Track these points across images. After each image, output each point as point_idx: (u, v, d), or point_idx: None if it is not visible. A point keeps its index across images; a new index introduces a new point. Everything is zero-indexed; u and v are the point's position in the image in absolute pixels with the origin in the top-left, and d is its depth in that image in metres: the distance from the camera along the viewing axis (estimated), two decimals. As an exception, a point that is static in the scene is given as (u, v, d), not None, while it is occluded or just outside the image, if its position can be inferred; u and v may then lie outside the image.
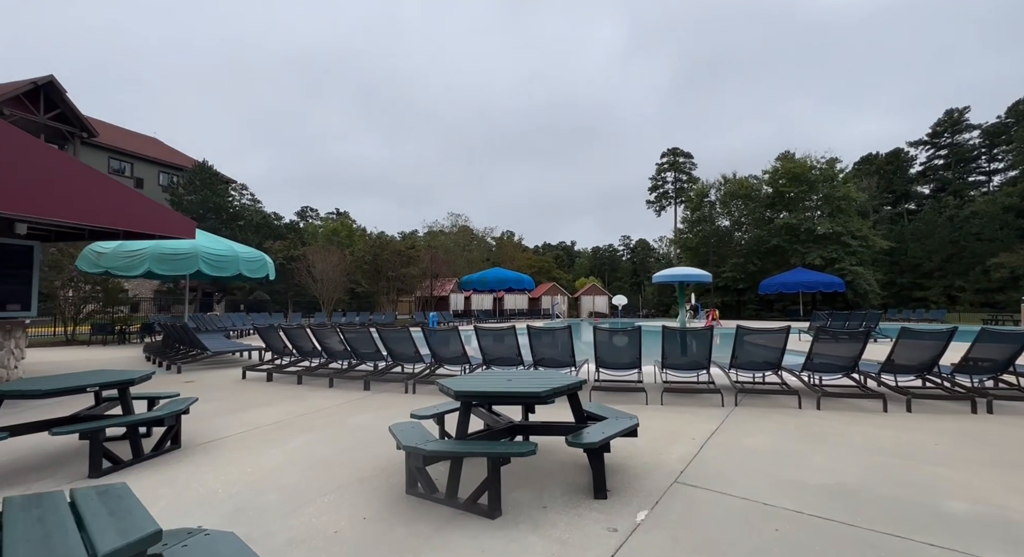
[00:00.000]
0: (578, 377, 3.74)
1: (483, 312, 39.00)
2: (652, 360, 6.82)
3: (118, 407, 4.91)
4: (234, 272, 16.30)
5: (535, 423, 3.81)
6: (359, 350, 7.95)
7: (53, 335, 18.32)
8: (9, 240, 7.26)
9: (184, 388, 7.61)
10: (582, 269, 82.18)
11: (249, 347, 10.41)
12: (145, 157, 41.72)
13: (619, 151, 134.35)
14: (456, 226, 53.36)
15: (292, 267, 31.05)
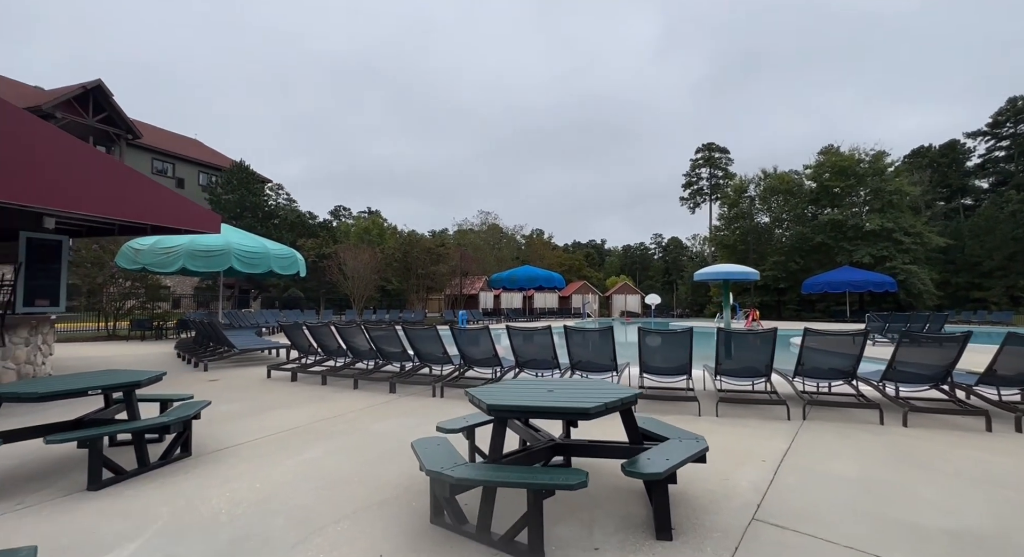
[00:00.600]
0: (626, 387, 3.18)
1: (513, 311, 38.54)
2: (700, 365, 6.18)
3: (130, 409, 4.63)
4: (265, 269, 16.33)
5: (580, 442, 3.26)
6: (385, 350, 7.56)
7: (97, 330, 18.81)
8: (38, 234, 7.17)
9: (208, 387, 7.39)
10: (612, 267, 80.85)
11: (276, 345, 10.21)
12: (186, 158, 42.98)
13: (651, 148, 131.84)
14: (486, 224, 53.09)
15: (324, 265, 31.31)
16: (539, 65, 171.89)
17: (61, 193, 6.27)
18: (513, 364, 6.80)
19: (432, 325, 6.94)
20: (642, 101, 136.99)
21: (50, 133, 6.32)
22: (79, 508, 3.13)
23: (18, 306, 6.94)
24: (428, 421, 5.23)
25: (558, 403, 2.72)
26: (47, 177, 6.15)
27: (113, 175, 6.87)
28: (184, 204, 7.75)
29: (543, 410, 2.71)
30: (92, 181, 6.60)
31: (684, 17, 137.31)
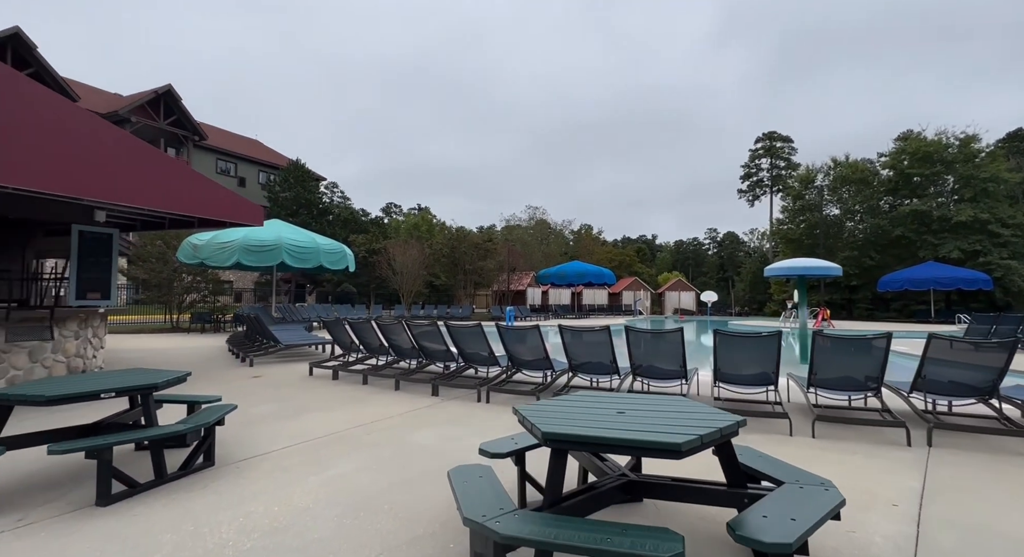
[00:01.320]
0: (719, 411, 2.46)
1: (561, 307, 37.74)
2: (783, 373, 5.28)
3: (160, 410, 4.34)
4: (316, 264, 16.43)
5: (659, 480, 2.57)
6: (428, 348, 7.10)
7: (163, 323, 19.69)
8: (89, 228, 7.18)
9: (249, 384, 7.18)
10: (664, 263, 78.20)
11: (321, 340, 10.03)
12: (247, 157, 44.88)
13: (706, 141, 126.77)
14: (534, 219, 52.39)
15: (374, 260, 31.70)
16: (591, 60, 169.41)
17: (115, 187, 6.18)
18: (566, 367, 6.14)
19: (477, 323, 6.39)
20: (697, 93, 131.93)
21: (105, 129, 6.25)
22: (80, 529, 2.77)
23: (71, 299, 6.98)
24: (472, 432, 4.67)
25: (636, 434, 2.05)
26: (104, 172, 6.07)
27: (162, 169, 6.75)
28: (228, 197, 7.58)
29: (616, 443, 2.05)
30: (144, 175, 6.50)
31: (744, 2, 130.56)
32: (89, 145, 6.06)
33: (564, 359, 6.16)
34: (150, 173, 6.58)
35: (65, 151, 5.83)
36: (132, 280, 22.32)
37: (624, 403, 2.71)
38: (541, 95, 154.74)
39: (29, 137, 5.52)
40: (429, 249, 32.60)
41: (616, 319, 32.12)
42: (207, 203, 7.26)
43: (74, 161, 5.87)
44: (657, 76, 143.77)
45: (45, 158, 5.63)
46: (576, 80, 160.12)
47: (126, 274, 20.46)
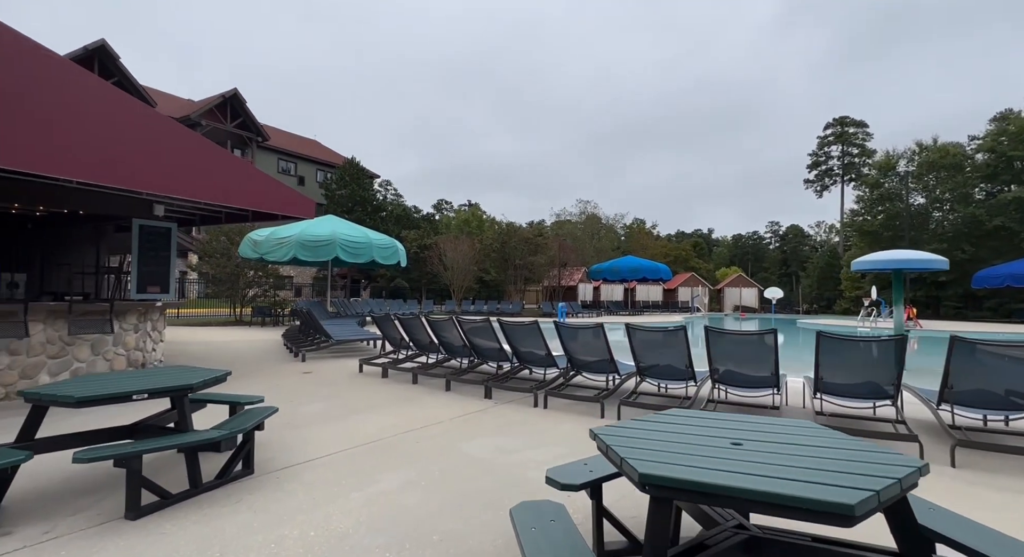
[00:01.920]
0: (894, 451, 1.81)
1: (613, 303, 36.67)
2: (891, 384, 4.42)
3: (202, 410, 4.12)
4: (368, 258, 16.50)
5: (792, 538, 1.94)
6: (480, 346, 6.67)
7: (229, 316, 20.52)
8: (149, 222, 7.25)
9: (299, 381, 7.03)
10: (721, 259, 74.70)
11: (372, 336, 9.86)
12: (306, 157, 46.52)
13: (767, 131, 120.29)
14: (584, 213, 51.24)
15: (425, 255, 31.91)
16: (646, 52, 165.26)
17: (172, 181, 6.15)
18: (632, 370, 5.52)
19: (534, 320, 5.88)
20: (758, 81, 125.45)
21: (160, 123, 6.22)
22: (103, 547, 2.49)
23: (132, 292, 7.07)
24: (529, 442, 4.17)
25: (777, 485, 1.46)
26: (161, 165, 6.05)
27: (216, 162, 6.68)
28: (280, 190, 7.45)
29: (750, 497, 1.46)
30: (198, 169, 6.44)
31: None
32: (147, 140, 6.04)
33: (628, 361, 5.54)
34: (204, 166, 6.51)
35: (125, 145, 5.81)
36: (202, 276, 23.51)
37: (734, 427, 2.11)
38: (594, 89, 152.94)
39: (94, 132, 5.52)
40: (479, 244, 32.44)
41: (672, 316, 30.76)
42: (260, 196, 7.16)
43: (132, 154, 5.84)
44: (716, 65, 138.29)
45: (107, 152, 5.62)
46: (631, 73, 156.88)
47: (196, 270, 21.51)
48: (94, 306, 6.19)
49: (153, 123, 6.12)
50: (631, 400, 5.04)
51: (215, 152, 6.72)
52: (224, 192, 6.67)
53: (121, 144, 5.75)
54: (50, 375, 5.84)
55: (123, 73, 30.47)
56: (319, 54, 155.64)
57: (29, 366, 5.67)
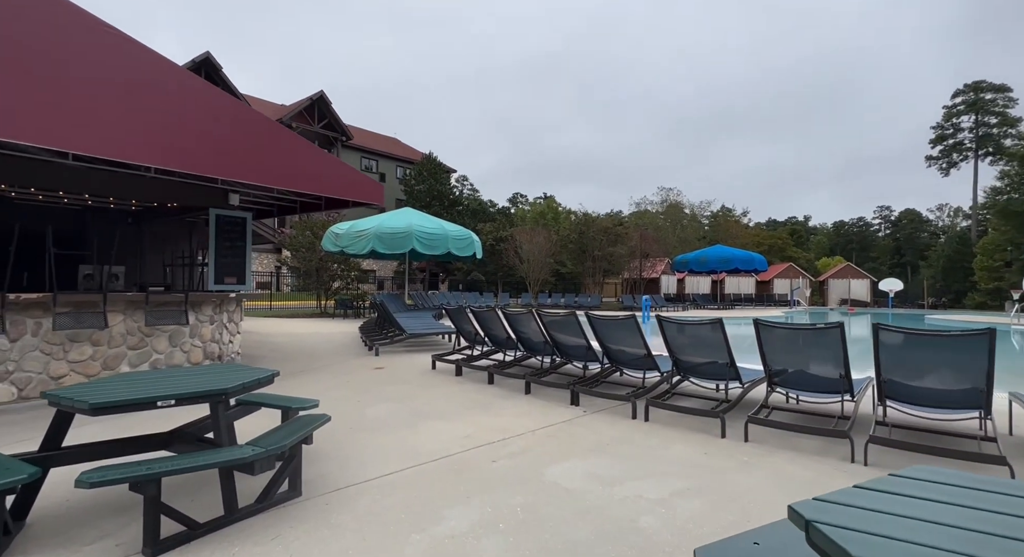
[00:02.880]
0: None
1: (699, 296, 34.18)
2: None
3: (257, 413, 3.66)
4: (444, 250, 16.22)
5: None
6: (564, 344, 5.83)
7: (315, 308, 21.32)
8: (224, 211, 7.15)
9: (369, 377, 6.59)
10: (820, 247, 67.92)
11: (447, 329, 9.35)
12: (387, 154, 48.04)
13: (872, 111, 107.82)
14: (667, 202, 48.47)
15: (501, 248, 31.55)
16: (736, 36, 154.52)
17: (243, 167, 5.92)
18: (758, 377, 4.42)
19: (631, 314, 4.92)
20: (863, 56, 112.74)
21: (224, 102, 6.01)
22: (102, 598, 1.96)
23: (209, 283, 7.02)
24: (634, 470, 3.27)
25: None
26: (229, 151, 5.83)
27: (288, 148, 6.38)
28: (350, 174, 7.07)
29: None
30: (271, 154, 6.18)
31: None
32: (217, 125, 5.81)
33: (750, 364, 4.43)
34: (274, 151, 6.22)
35: (195, 131, 5.60)
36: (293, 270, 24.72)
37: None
38: (678, 78, 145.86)
39: (166, 118, 5.35)
40: (556, 236, 31.51)
41: (769, 310, 27.98)
42: (329, 181, 6.80)
43: (202, 140, 5.63)
44: (814, 45, 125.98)
45: (179, 138, 5.43)
46: (718, 59, 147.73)
47: (284, 263, 22.60)
48: (170, 297, 6.11)
49: (223, 107, 5.88)
50: (762, 417, 3.96)
51: (284, 137, 6.41)
52: (293, 177, 6.36)
53: (191, 130, 5.55)
54: (130, 366, 5.80)
55: (225, 82, 32.86)
56: (404, 58, 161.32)
57: (111, 357, 5.65)
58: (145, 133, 5.14)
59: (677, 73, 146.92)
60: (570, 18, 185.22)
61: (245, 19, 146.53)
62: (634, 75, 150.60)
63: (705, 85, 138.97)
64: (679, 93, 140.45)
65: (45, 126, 4.45)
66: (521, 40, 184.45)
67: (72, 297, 5.30)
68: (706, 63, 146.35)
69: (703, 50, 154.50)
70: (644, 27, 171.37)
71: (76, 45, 4.84)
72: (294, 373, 6.83)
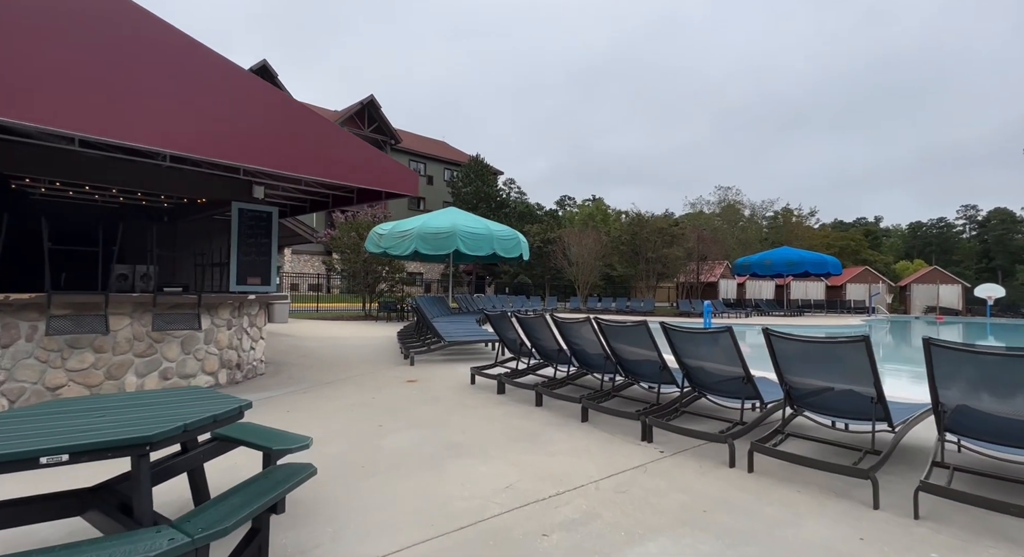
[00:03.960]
0: None
1: (763, 302, 31.67)
2: None
3: (230, 453, 2.81)
4: (489, 251, 15.41)
5: None
6: (630, 361, 4.73)
7: (360, 310, 21.02)
8: (248, 205, 6.53)
9: (399, 391, 5.73)
10: (893, 250, 62.43)
11: (489, 337, 8.41)
12: (435, 157, 48.13)
13: (954, 106, 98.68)
14: (724, 201, 45.73)
15: (548, 250, 30.47)
16: (801, 34, 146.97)
17: (268, 153, 5.23)
18: (918, 413, 3.16)
19: (727, 327, 3.74)
20: (943, 50, 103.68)
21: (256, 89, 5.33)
22: None
23: (231, 284, 6.40)
24: (755, 552, 2.15)
25: None
26: (252, 137, 5.16)
27: (316, 134, 5.67)
28: (379, 159, 6.27)
29: None
30: (301, 140, 5.48)
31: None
32: (237, 108, 5.14)
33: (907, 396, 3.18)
34: (298, 137, 5.50)
35: (212, 114, 4.95)
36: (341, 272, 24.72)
37: None
38: (737, 78, 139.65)
39: (180, 100, 4.72)
40: (606, 237, 30.09)
41: (845, 318, 25.39)
42: (358, 168, 6.00)
43: (221, 124, 4.97)
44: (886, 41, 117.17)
45: (196, 121, 4.78)
46: (781, 57, 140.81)
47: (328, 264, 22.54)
48: (182, 299, 5.48)
49: (244, 88, 5.19)
50: (946, 487, 2.70)
51: (311, 120, 5.66)
52: (320, 164, 5.59)
53: (208, 113, 4.88)
54: (137, 376, 5.20)
55: (280, 88, 33.78)
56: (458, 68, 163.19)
57: (115, 365, 5.06)
58: (157, 116, 4.51)
59: (737, 73, 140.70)
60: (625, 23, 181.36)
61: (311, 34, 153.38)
62: (692, 76, 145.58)
63: (767, 84, 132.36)
64: (739, 93, 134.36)
65: (47, 107, 3.88)
66: (574, 47, 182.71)
67: (70, 298, 4.73)
68: (769, 61, 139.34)
69: (765, 48, 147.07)
70: (703, 28, 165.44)
71: (76, 18, 4.25)
72: (317, 384, 6.08)
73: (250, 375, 6.38)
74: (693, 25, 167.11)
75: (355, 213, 25.63)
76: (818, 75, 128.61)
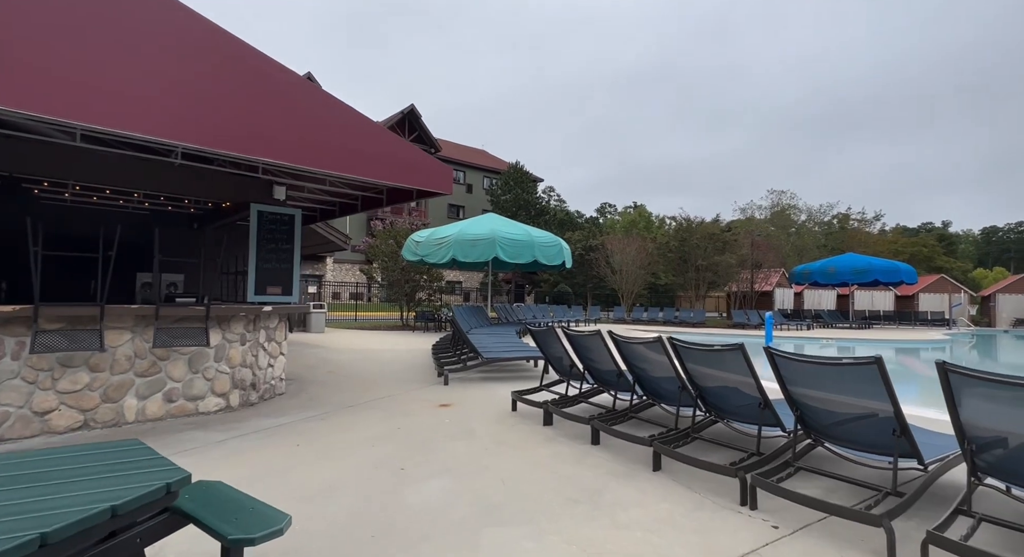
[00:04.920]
0: None
1: (826, 313, 29.30)
2: None
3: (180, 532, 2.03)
4: (530, 258, 14.59)
5: None
6: (711, 393, 3.74)
7: (398, 320, 20.57)
8: (268, 207, 5.94)
9: (429, 420, 4.91)
10: (966, 256, 57.41)
11: (532, 354, 7.53)
12: (475, 165, 47.99)
13: None
14: (778, 206, 43.15)
15: (591, 258, 29.34)
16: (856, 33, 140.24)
17: (288, 148, 4.60)
18: None
19: (874, 358, 2.72)
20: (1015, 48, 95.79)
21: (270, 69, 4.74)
22: None
23: (249, 294, 5.81)
24: None
25: None
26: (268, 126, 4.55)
27: (341, 124, 5.01)
28: (410, 153, 5.54)
29: None
30: (323, 131, 4.84)
31: None
32: (253, 96, 4.53)
33: None
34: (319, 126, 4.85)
35: (234, 107, 4.36)
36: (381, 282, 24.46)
37: None
38: (791, 81, 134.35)
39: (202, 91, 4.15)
40: (653, 243, 28.67)
41: (924, 332, 22.95)
42: (385, 162, 5.29)
43: (237, 114, 4.37)
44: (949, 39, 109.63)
45: (207, 110, 4.20)
46: (838, 58, 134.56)
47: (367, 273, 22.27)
48: (191, 311, 4.88)
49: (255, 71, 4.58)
50: (959, 542, 1.63)
51: (335, 110, 4.99)
52: (343, 157, 4.91)
53: (223, 103, 4.28)
54: (138, 398, 4.62)
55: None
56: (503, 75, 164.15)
57: (113, 386, 4.49)
58: (166, 104, 3.93)
59: (790, 75, 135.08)
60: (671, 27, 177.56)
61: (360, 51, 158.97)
62: (742, 81, 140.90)
63: (822, 86, 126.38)
64: (792, 96, 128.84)
65: (39, 93, 3.34)
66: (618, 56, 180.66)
67: (61, 310, 4.19)
68: (823, 63, 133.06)
69: (819, 49, 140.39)
70: (753, 31, 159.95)
71: None
72: (339, 409, 5.36)
73: (267, 395, 5.73)
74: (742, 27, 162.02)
75: (393, 221, 25.41)
76: (875, 75, 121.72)
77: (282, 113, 4.63)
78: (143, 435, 4.33)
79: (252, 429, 4.54)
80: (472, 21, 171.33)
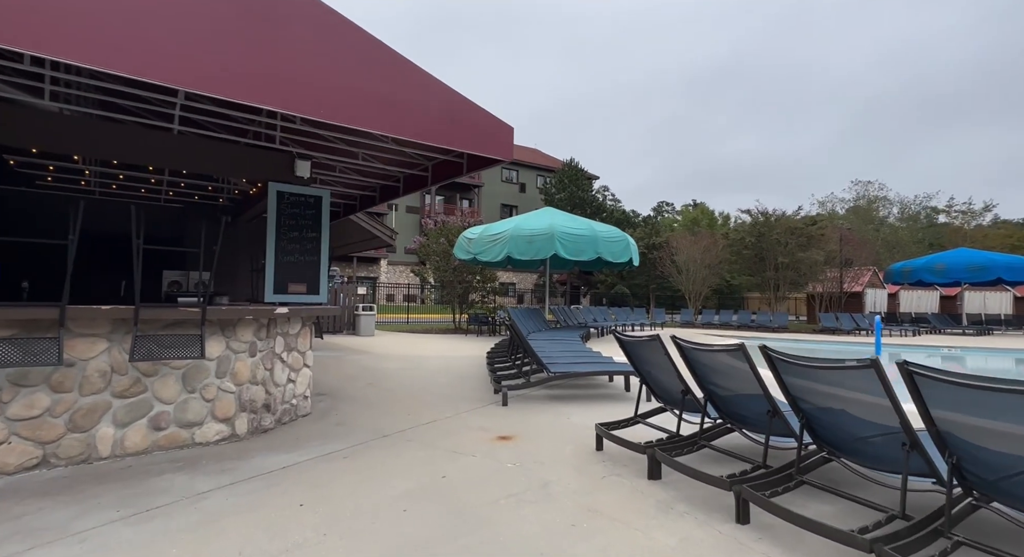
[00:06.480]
0: None
1: (932, 317, 25.64)
2: None
3: None
4: (592, 255, 13.09)
5: None
6: (989, 455, 2.16)
7: (451, 323, 19.54)
8: (288, 186, 4.86)
9: (487, 461, 3.58)
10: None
11: (617, 368, 6.06)
12: (528, 164, 46.82)
13: None
14: (864, 197, 38.93)
15: (653, 257, 27.27)
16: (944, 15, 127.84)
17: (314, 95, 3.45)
18: None
19: None
20: None
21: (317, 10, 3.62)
22: None
23: (267, 293, 4.74)
24: None
25: None
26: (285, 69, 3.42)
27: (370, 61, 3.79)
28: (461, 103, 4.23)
29: None
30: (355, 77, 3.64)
31: None
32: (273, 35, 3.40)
33: None
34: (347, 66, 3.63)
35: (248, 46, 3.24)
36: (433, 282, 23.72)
37: None
38: (876, 69, 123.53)
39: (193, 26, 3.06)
40: (724, 240, 26.22)
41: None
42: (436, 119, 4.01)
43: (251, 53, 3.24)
44: None
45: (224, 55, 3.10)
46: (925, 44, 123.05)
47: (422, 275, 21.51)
48: (184, 313, 3.82)
49: None
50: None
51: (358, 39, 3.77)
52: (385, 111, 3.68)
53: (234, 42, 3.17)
54: (115, 426, 3.59)
55: None
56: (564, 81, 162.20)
57: (81, 411, 3.48)
58: (153, 36, 2.85)
59: (872, 65, 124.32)
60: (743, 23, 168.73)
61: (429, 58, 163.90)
62: (819, 73, 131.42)
63: (908, 74, 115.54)
64: (875, 86, 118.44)
65: None
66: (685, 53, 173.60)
67: (12, 313, 3.20)
68: (908, 50, 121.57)
69: (904, 35, 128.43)
70: (830, 21, 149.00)
71: None
72: (371, 439, 4.14)
73: (286, 418, 4.62)
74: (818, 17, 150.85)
75: (445, 221, 24.53)
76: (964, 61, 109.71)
77: (302, 49, 3.44)
78: (116, 475, 3.28)
79: (251, 472, 3.39)
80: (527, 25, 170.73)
